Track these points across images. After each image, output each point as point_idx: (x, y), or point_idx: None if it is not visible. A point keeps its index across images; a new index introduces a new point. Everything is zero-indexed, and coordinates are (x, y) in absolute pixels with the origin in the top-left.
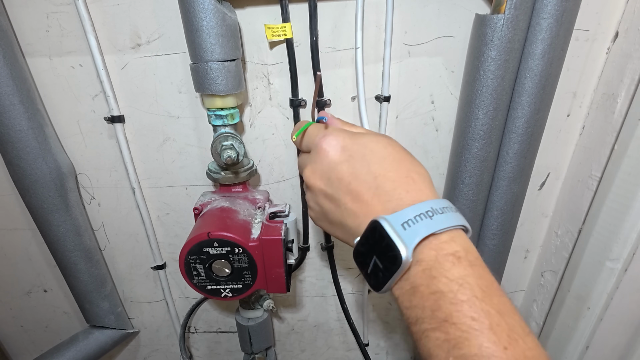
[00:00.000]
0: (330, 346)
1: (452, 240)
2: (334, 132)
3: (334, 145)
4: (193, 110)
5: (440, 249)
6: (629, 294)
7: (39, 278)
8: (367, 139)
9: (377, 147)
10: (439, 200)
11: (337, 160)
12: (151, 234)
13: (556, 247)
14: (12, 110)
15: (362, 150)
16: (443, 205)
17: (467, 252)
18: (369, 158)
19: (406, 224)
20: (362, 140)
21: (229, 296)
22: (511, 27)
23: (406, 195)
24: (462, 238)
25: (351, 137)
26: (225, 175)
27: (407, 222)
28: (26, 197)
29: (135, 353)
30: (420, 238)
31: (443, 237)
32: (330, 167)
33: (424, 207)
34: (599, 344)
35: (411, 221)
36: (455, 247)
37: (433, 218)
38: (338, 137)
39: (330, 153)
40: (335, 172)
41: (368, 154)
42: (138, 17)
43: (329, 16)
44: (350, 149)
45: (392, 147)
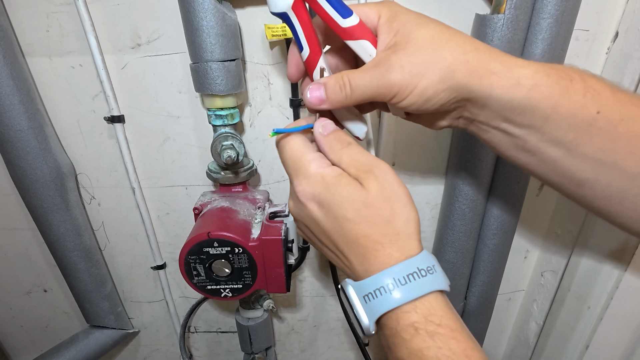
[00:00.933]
0: (330, 346)
1: (414, 310)
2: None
3: (310, 198)
4: (193, 110)
5: (400, 319)
6: (629, 294)
7: (39, 278)
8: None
9: (352, 207)
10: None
11: (313, 215)
12: (151, 234)
13: (556, 247)
14: (12, 110)
15: (336, 210)
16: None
17: (427, 321)
18: (342, 222)
19: (367, 298)
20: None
21: (229, 296)
22: (511, 27)
23: (374, 262)
24: (425, 306)
25: (328, 191)
26: (225, 175)
27: (367, 296)
28: (26, 197)
29: (135, 353)
30: (379, 314)
31: (405, 307)
32: (309, 220)
33: (386, 279)
34: (599, 344)
35: (371, 295)
36: (414, 318)
37: (393, 292)
38: (313, 188)
39: (308, 206)
40: (314, 224)
41: (341, 215)
42: (138, 17)
43: None
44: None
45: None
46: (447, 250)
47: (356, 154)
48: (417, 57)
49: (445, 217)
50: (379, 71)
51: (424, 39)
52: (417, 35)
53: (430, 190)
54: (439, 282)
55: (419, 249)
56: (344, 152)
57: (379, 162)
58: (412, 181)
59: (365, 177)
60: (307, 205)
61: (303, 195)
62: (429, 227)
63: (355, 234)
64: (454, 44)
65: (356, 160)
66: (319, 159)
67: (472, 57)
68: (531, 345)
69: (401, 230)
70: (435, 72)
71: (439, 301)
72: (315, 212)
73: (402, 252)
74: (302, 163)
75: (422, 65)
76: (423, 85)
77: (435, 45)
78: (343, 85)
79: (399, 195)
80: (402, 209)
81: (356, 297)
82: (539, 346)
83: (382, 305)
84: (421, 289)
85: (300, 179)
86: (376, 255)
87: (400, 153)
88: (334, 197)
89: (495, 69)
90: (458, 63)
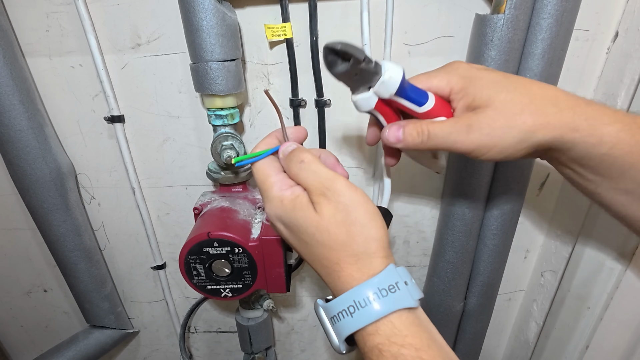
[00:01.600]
0: (330, 346)
1: (376, 331)
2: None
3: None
4: (193, 110)
5: (366, 340)
6: (629, 294)
7: (39, 278)
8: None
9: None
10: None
11: (283, 234)
12: (151, 234)
13: (556, 247)
14: (12, 110)
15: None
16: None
17: (391, 342)
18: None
19: (333, 320)
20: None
21: (229, 296)
22: (511, 27)
23: (337, 282)
24: (387, 327)
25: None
26: (225, 175)
27: (332, 318)
28: (26, 197)
29: (135, 353)
30: (345, 335)
31: (368, 329)
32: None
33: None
34: (599, 344)
35: (336, 317)
36: (377, 339)
37: (354, 315)
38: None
39: (277, 226)
40: (285, 238)
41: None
42: (138, 17)
43: (329, 16)
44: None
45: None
46: (447, 250)
47: (310, 175)
48: (497, 121)
49: (445, 217)
50: (459, 128)
51: (504, 102)
52: (497, 99)
53: (430, 190)
54: (403, 299)
55: (382, 266)
56: (298, 173)
57: (334, 181)
58: (411, 181)
59: (317, 200)
60: (276, 224)
61: (269, 217)
62: (429, 227)
63: (316, 256)
64: (534, 107)
65: (309, 183)
66: (281, 181)
67: (554, 118)
68: (531, 346)
69: (360, 252)
70: (515, 135)
71: (403, 320)
72: (283, 232)
73: (362, 272)
74: (266, 186)
75: (502, 129)
76: (502, 147)
77: (516, 109)
78: (421, 132)
79: (354, 216)
80: (359, 231)
81: (325, 317)
82: (538, 346)
83: (346, 327)
84: (382, 310)
85: (265, 201)
86: (339, 276)
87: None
88: (293, 221)
89: (579, 127)
90: (538, 125)
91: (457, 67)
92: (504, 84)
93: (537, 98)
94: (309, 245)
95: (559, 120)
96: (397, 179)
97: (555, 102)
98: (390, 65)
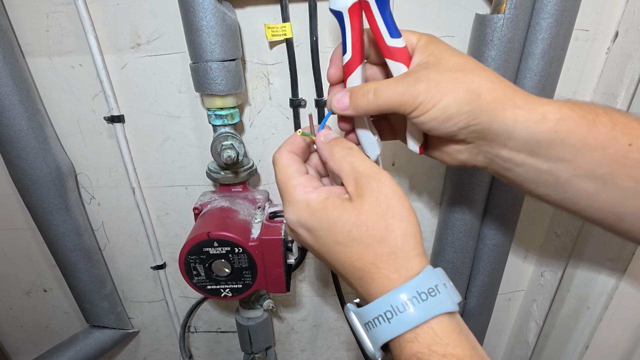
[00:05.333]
0: (330, 346)
1: (415, 339)
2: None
3: (297, 225)
4: (193, 110)
5: (403, 348)
6: (629, 294)
7: (39, 278)
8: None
9: (342, 230)
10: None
11: (306, 241)
12: (151, 234)
13: (556, 247)
14: (12, 110)
15: (325, 235)
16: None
17: (431, 352)
18: (332, 247)
19: (367, 326)
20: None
21: (229, 296)
22: (511, 27)
23: (372, 285)
24: (427, 334)
25: (313, 217)
26: (225, 175)
27: (367, 324)
28: (26, 197)
29: (135, 353)
30: (382, 342)
31: (406, 336)
32: (304, 243)
33: (384, 306)
34: (599, 344)
35: (371, 323)
36: (416, 348)
37: (392, 321)
38: (299, 215)
39: (298, 232)
40: (310, 248)
41: (331, 240)
42: (138, 17)
43: (329, 16)
44: (314, 232)
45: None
46: (447, 250)
47: (357, 162)
48: (446, 75)
49: (445, 217)
50: (406, 81)
51: (455, 63)
52: (449, 59)
53: (430, 190)
54: (444, 303)
55: (420, 266)
56: (344, 159)
57: (379, 172)
58: (411, 181)
59: (360, 192)
60: (297, 231)
61: (290, 223)
62: (429, 227)
63: (349, 258)
64: (483, 72)
65: (356, 171)
66: (304, 183)
67: (499, 86)
68: (531, 346)
69: (398, 248)
70: (461, 91)
71: (444, 326)
72: (307, 239)
73: (400, 273)
74: (287, 189)
75: (450, 82)
76: (447, 102)
77: (465, 70)
78: (367, 91)
79: (395, 209)
80: (398, 224)
81: (358, 324)
82: (538, 346)
83: (383, 334)
84: (422, 315)
85: (287, 205)
86: (373, 279)
87: (400, 153)
88: (321, 223)
89: (520, 104)
90: (484, 88)
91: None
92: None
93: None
94: (341, 245)
95: (503, 92)
96: (396, 179)
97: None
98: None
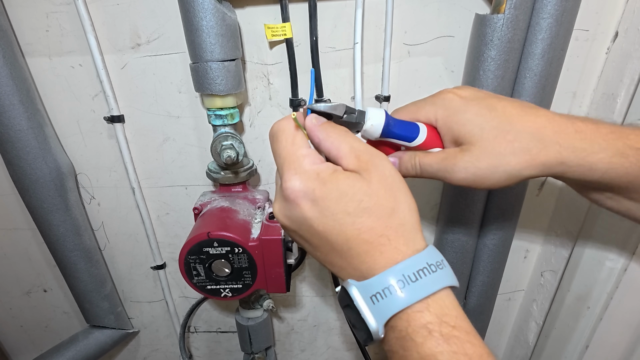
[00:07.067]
0: (330, 346)
1: (426, 309)
2: (301, 175)
3: (301, 196)
4: (193, 110)
5: (412, 319)
6: (629, 293)
7: (39, 278)
8: (343, 189)
9: (353, 199)
10: (416, 258)
11: (306, 215)
12: (151, 234)
13: (556, 247)
14: (12, 110)
15: (333, 205)
16: (419, 267)
17: (442, 322)
18: (340, 217)
19: (374, 298)
20: (335, 192)
21: (229, 296)
22: (511, 27)
23: (380, 258)
24: (438, 304)
25: (323, 187)
26: (225, 175)
27: (375, 296)
28: (26, 197)
29: (135, 353)
30: (390, 315)
31: (416, 306)
32: (299, 220)
33: (396, 274)
34: (599, 344)
35: (380, 294)
36: (427, 318)
37: (404, 289)
38: (307, 185)
39: (300, 205)
40: (305, 226)
41: (340, 212)
42: (138, 17)
43: (329, 16)
44: (321, 203)
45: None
46: (447, 250)
47: (355, 142)
48: (482, 161)
49: (445, 217)
50: (445, 166)
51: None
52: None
53: (430, 190)
54: (450, 277)
55: (424, 242)
56: (342, 139)
57: (377, 152)
58: (411, 181)
59: (365, 166)
60: (299, 203)
61: (293, 193)
62: (429, 227)
63: (357, 229)
64: (518, 146)
65: (356, 149)
66: (313, 154)
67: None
68: (531, 345)
69: (406, 220)
70: (500, 175)
71: (451, 299)
72: (307, 211)
73: (408, 246)
74: (295, 157)
75: (487, 169)
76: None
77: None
78: (414, 165)
79: (399, 184)
80: (404, 198)
81: (361, 298)
82: (538, 346)
83: (392, 305)
84: (433, 285)
85: (291, 174)
86: (382, 251)
87: None
88: (331, 193)
89: (566, 160)
90: (523, 164)
91: (444, 98)
92: (487, 118)
93: (521, 135)
94: (350, 216)
95: (545, 157)
96: None
97: (541, 137)
98: (373, 113)
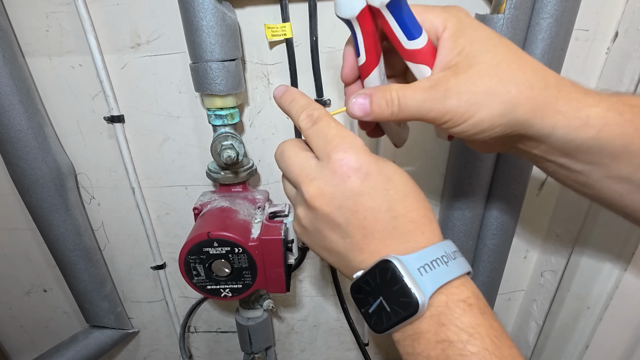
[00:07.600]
0: (330, 346)
1: (463, 285)
2: (357, 150)
3: (356, 169)
4: (193, 110)
5: (452, 294)
6: (629, 294)
7: (38, 278)
8: (391, 169)
9: (400, 180)
10: (448, 243)
11: (356, 189)
12: (151, 234)
13: (556, 247)
14: (12, 110)
15: (385, 183)
16: (453, 249)
17: (478, 298)
18: (392, 194)
19: (422, 269)
20: (386, 169)
21: (229, 296)
22: (511, 27)
23: (421, 237)
24: (471, 284)
25: (376, 163)
26: (225, 175)
27: (423, 267)
28: (26, 197)
29: (135, 353)
30: (439, 285)
31: (455, 282)
32: (347, 196)
33: (439, 251)
34: (599, 344)
35: (428, 266)
36: (466, 293)
37: (449, 264)
38: (362, 160)
39: (351, 179)
40: (351, 201)
41: (392, 188)
42: (138, 17)
43: (329, 16)
44: (374, 179)
45: (413, 182)
46: None
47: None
48: (479, 85)
49: (445, 217)
50: (434, 94)
51: (490, 65)
52: (483, 59)
53: (430, 190)
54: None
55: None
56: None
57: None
58: None
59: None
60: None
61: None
62: None
63: (407, 207)
64: (522, 75)
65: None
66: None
67: (539, 93)
68: (531, 345)
69: (429, 210)
70: (496, 105)
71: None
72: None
73: (440, 231)
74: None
75: (483, 95)
76: (480, 117)
77: (501, 74)
78: (391, 101)
79: None
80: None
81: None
82: (538, 346)
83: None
84: (465, 265)
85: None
86: (424, 231)
87: (400, 153)
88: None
89: (562, 108)
90: (522, 97)
91: (458, 10)
92: (495, 43)
93: (527, 66)
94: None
95: (544, 98)
96: None
97: (544, 77)
98: None
